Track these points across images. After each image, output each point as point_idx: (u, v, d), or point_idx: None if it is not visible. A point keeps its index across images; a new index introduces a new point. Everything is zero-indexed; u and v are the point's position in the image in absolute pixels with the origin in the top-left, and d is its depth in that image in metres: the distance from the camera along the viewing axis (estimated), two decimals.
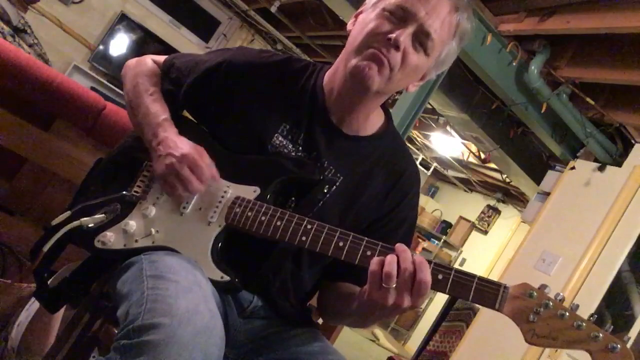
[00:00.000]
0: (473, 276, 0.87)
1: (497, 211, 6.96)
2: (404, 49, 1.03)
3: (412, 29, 1.02)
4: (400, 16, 1.03)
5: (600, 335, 0.78)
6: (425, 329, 4.12)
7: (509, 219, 6.71)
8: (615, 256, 2.73)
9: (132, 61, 1.26)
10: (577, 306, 0.82)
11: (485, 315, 3.10)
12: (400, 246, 0.90)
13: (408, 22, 1.02)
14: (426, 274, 0.87)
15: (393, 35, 1.01)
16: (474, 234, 7.16)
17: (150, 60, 1.25)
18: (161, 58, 1.25)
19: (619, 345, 0.77)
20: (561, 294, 0.83)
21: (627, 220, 2.77)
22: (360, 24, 1.08)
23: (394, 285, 0.87)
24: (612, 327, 0.80)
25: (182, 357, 0.76)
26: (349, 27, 1.12)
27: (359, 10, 1.13)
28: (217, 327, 0.83)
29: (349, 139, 1.13)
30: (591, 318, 0.80)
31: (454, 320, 3.72)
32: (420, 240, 7.24)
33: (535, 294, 0.84)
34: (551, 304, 0.82)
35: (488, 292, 0.86)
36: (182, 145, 1.05)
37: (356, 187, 1.12)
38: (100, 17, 5.50)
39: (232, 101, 1.14)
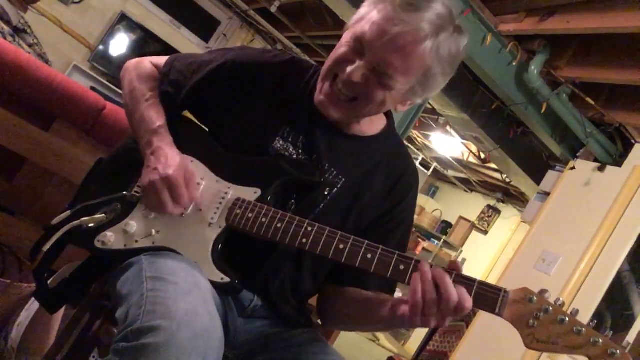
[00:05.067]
0: (473, 280, 0.87)
1: (497, 211, 6.95)
2: (367, 81, 1.01)
3: (366, 64, 0.99)
4: (358, 48, 1.01)
5: (600, 340, 0.78)
6: (426, 329, 4.12)
7: (509, 219, 6.71)
8: (615, 256, 2.73)
9: (131, 63, 1.25)
10: (577, 311, 0.82)
11: (485, 315, 3.09)
12: (437, 271, 0.88)
13: (363, 56, 1.00)
14: (468, 300, 0.85)
15: (349, 71, 1.00)
16: (474, 234, 7.16)
17: (148, 63, 1.24)
18: (161, 60, 1.24)
19: (618, 351, 0.77)
20: (561, 299, 0.83)
21: (627, 220, 2.76)
22: (337, 45, 1.07)
23: (436, 311, 0.87)
24: (611, 331, 0.79)
25: None
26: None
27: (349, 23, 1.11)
28: (216, 330, 0.83)
29: (350, 139, 1.13)
30: (591, 323, 0.80)
31: (454, 320, 3.71)
32: (420, 240, 7.24)
33: (535, 298, 0.83)
34: (551, 309, 0.82)
35: (488, 297, 0.85)
36: (171, 163, 1.04)
37: (358, 189, 1.12)
38: (100, 17, 5.50)
39: (234, 102, 1.14)
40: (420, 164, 6.98)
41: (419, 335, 6.37)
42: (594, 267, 2.76)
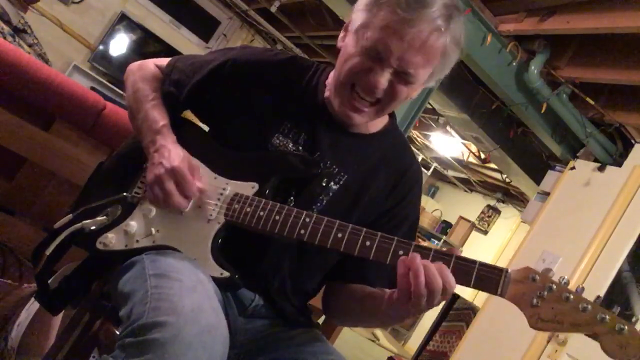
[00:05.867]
0: (474, 262, 0.86)
1: (497, 211, 6.95)
2: (390, 83, 1.02)
3: (390, 70, 1.01)
4: (374, 56, 1.01)
5: (607, 317, 0.76)
6: (425, 329, 4.13)
7: (509, 219, 6.71)
8: (615, 256, 2.73)
9: (134, 65, 1.26)
10: (583, 289, 0.79)
11: (485, 315, 3.10)
12: (413, 260, 0.87)
13: (384, 63, 1.00)
14: (450, 279, 0.85)
15: (373, 80, 1.01)
16: (474, 234, 7.16)
17: (152, 65, 1.25)
18: (164, 61, 1.25)
19: (626, 327, 0.75)
20: (566, 277, 0.80)
21: (627, 220, 2.76)
22: (344, 54, 1.06)
23: (425, 300, 0.86)
24: (619, 308, 0.77)
25: (187, 356, 0.77)
26: (339, 43, 1.11)
27: (346, 24, 1.10)
28: (221, 326, 0.84)
29: (352, 136, 1.14)
30: (597, 300, 0.78)
31: (454, 321, 3.72)
32: (420, 240, 7.24)
33: (538, 277, 0.81)
34: (555, 286, 0.79)
35: (490, 278, 0.84)
36: (175, 157, 1.05)
37: (360, 186, 1.12)
38: (100, 17, 5.50)
39: (235, 100, 1.14)
40: (420, 164, 6.97)
41: (419, 335, 6.37)
42: (594, 267, 2.76)
